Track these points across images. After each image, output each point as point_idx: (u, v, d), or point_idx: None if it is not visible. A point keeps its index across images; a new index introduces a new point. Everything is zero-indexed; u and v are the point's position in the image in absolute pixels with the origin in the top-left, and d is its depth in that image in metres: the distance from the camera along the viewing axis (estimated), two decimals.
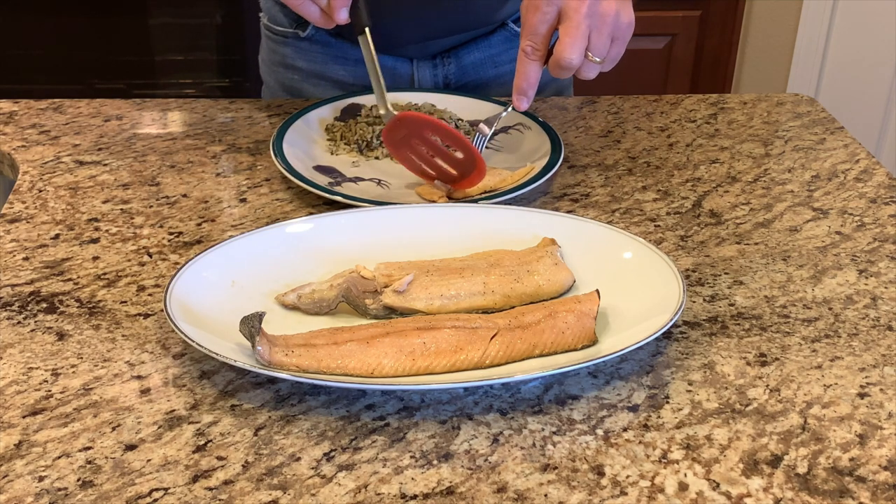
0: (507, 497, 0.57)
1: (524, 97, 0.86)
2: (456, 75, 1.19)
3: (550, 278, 0.75)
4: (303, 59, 1.19)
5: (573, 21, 0.81)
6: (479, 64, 1.19)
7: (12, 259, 0.81)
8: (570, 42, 0.81)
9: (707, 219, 0.90)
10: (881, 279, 0.81)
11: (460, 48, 1.18)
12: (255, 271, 0.76)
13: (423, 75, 1.19)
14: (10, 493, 0.57)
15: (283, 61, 1.21)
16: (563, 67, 0.82)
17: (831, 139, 1.08)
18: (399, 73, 1.19)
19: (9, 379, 0.67)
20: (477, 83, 1.20)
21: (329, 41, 1.18)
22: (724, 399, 0.66)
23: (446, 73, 1.19)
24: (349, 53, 1.17)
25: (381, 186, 0.94)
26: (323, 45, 1.18)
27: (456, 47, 1.18)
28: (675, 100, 1.18)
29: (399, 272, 0.75)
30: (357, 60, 1.17)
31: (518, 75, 0.85)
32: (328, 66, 1.19)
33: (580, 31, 0.81)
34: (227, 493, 0.57)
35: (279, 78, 1.23)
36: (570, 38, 0.81)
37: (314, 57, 1.19)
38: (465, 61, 1.18)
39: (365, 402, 0.65)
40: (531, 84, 0.85)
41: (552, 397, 0.66)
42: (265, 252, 0.77)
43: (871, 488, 0.59)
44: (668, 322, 0.67)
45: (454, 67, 1.19)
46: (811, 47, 2.58)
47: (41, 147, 1.02)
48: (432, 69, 1.18)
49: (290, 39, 1.19)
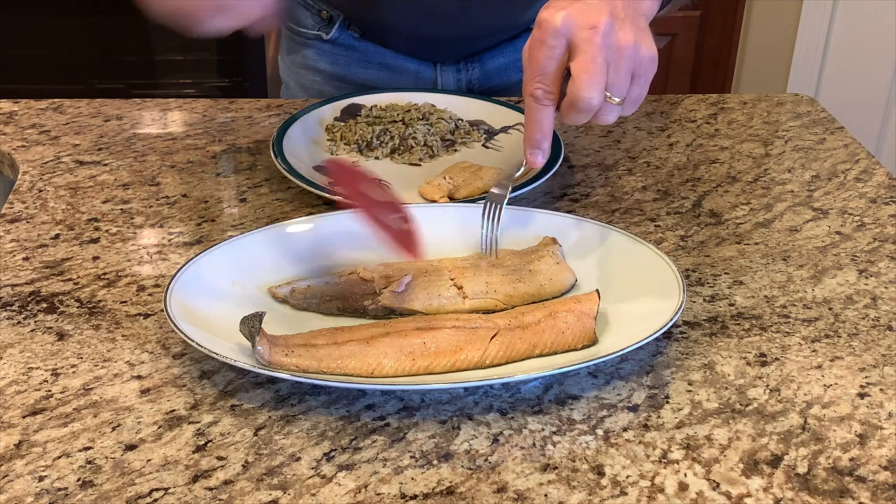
0: (507, 497, 0.57)
1: (539, 151, 0.71)
2: (480, 80, 1.18)
3: (552, 277, 0.75)
4: (325, 62, 1.18)
5: (588, 54, 0.67)
6: (504, 68, 1.18)
7: (12, 259, 0.81)
8: (587, 79, 0.67)
9: (707, 219, 0.90)
10: (881, 279, 0.81)
11: (485, 52, 1.17)
12: (255, 271, 0.76)
13: (447, 79, 1.18)
14: (10, 493, 0.57)
15: (304, 63, 1.21)
16: (580, 110, 0.69)
17: (831, 139, 1.08)
18: (423, 77, 1.18)
19: (9, 379, 0.67)
20: (501, 88, 1.18)
21: (353, 44, 1.17)
22: (724, 399, 0.66)
23: (470, 77, 1.18)
24: (373, 56, 1.16)
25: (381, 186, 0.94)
26: (346, 48, 1.17)
27: (480, 51, 1.17)
28: (675, 100, 1.18)
29: (398, 273, 0.75)
30: (381, 64, 1.16)
31: (529, 126, 0.71)
32: (351, 68, 1.18)
33: (597, 66, 0.67)
34: (227, 493, 0.57)
35: (300, 79, 1.22)
36: (587, 75, 0.67)
37: (337, 59, 1.18)
38: (489, 66, 1.17)
39: (365, 402, 0.65)
40: (545, 134, 0.71)
41: (552, 397, 0.66)
42: (265, 252, 0.77)
43: (871, 488, 0.59)
44: (668, 322, 0.67)
45: (478, 72, 1.17)
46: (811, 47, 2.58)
47: (41, 147, 1.02)
48: (456, 73, 1.18)
49: (313, 41, 1.19)
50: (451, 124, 1.05)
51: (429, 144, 1.01)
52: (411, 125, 1.03)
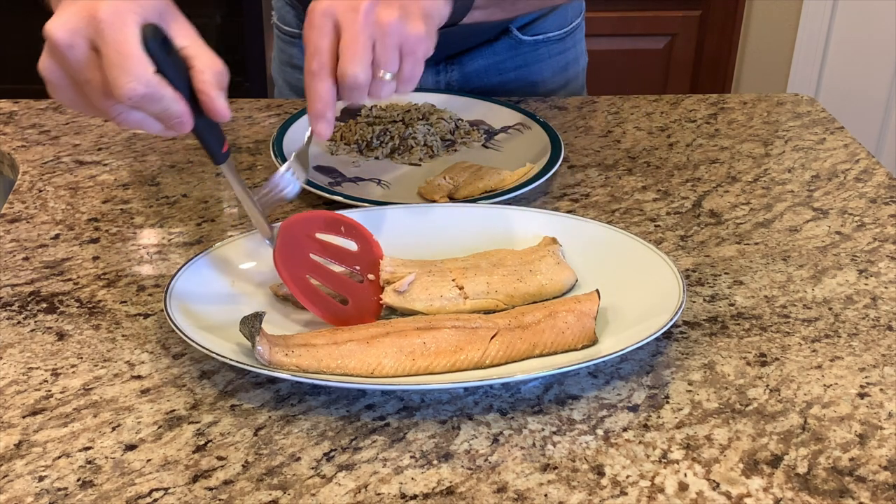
0: (507, 497, 0.57)
1: (323, 119, 0.74)
2: (459, 82, 1.18)
3: (553, 277, 0.75)
4: None
5: (350, 33, 0.72)
6: (483, 71, 1.18)
7: (12, 259, 0.81)
8: (350, 55, 0.71)
9: (707, 219, 0.90)
10: (881, 279, 0.81)
11: (464, 55, 1.17)
12: (255, 271, 0.76)
13: (426, 81, 1.18)
14: (10, 493, 0.57)
15: (290, 61, 1.21)
16: (349, 86, 0.72)
17: (831, 139, 1.08)
18: None
19: (9, 379, 0.67)
20: (480, 90, 1.19)
21: None
22: (724, 399, 0.66)
23: (449, 79, 1.18)
24: None
25: (381, 186, 0.94)
26: None
27: (460, 53, 1.17)
28: (675, 100, 1.18)
29: (403, 269, 0.75)
30: None
31: (310, 99, 0.74)
32: None
33: (360, 43, 0.71)
34: (227, 493, 0.57)
35: (287, 77, 1.23)
36: (350, 52, 0.71)
37: None
38: (468, 68, 1.17)
39: (365, 402, 0.65)
40: (327, 103, 0.74)
41: (552, 397, 0.66)
42: (265, 252, 0.77)
43: (871, 488, 0.59)
44: (668, 322, 0.67)
45: (457, 74, 1.17)
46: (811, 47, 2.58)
47: (41, 147, 1.02)
48: (435, 75, 1.18)
49: (298, 40, 1.19)
50: (451, 124, 1.05)
51: (429, 144, 1.01)
52: (411, 125, 1.03)
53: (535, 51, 1.20)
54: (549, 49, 1.21)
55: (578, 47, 1.26)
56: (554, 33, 1.20)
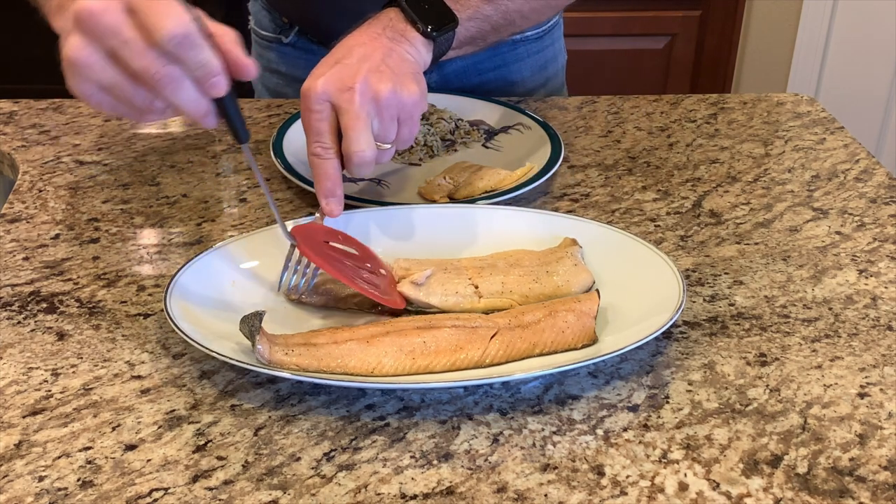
0: (507, 497, 0.57)
1: (333, 198, 0.76)
2: (438, 84, 1.17)
3: (570, 279, 0.75)
4: (285, 64, 1.20)
5: (350, 114, 0.74)
6: (462, 72, 1.18)
7: (12, 259, 0.81)
8: (354, 136, 0.74)
9: (707, 219, 0.90)
10: (881, 279, 0.81)
11: None
12: (255, 271, 0.76)
13: None
14: (10, 493, 0.57)
15: (268, 66, 1.22)
16: (356, 163, 0.75)
17: (831, 139, 1.08)
18: None
19: (9, 379, 0.67)
20: (459, 92, 1.19)
21: (311, 48, 1.18)
22: (724, 399, 0.66)
23: (427, 80, 1.18)
24: None
25: (381, 186, 0.94)
26: (304, 52, 1.18)
27: None
28: (675, 100, 1.18)
29: (417, 267, 0.75)
30: None
31: (318, 179, 0.76)
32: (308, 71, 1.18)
33: (361, 121, 0.74)
34: (227, 493, 0.57)
35: (265, 82, 1.24)
36: (354, 133, 0.74)
37: (296, 62, 1.19)
38: (447, 69, 1.17)
39: (365, 402, 0.65)
40: (336, 182, 0.76)
41: (552, 397, 0.66)
42: (265, 252, 0.77)
43: (871, 488, 0.59)
44: (668, 322, 0.67)
45: (436, 76, 1.17)
46: (811, 47, 2.58)
47: (41, 147, 1.02)
48: None
49: (274, 45, 1.20)
50: (451, 124, 1.05)
51: (429, 144, 1.01)
52: None
53: (514, 50, 1.20)
54: (527, 48, 1.21)
55: (557, 45, 1.26)
56: (532, 32, 1.20)
